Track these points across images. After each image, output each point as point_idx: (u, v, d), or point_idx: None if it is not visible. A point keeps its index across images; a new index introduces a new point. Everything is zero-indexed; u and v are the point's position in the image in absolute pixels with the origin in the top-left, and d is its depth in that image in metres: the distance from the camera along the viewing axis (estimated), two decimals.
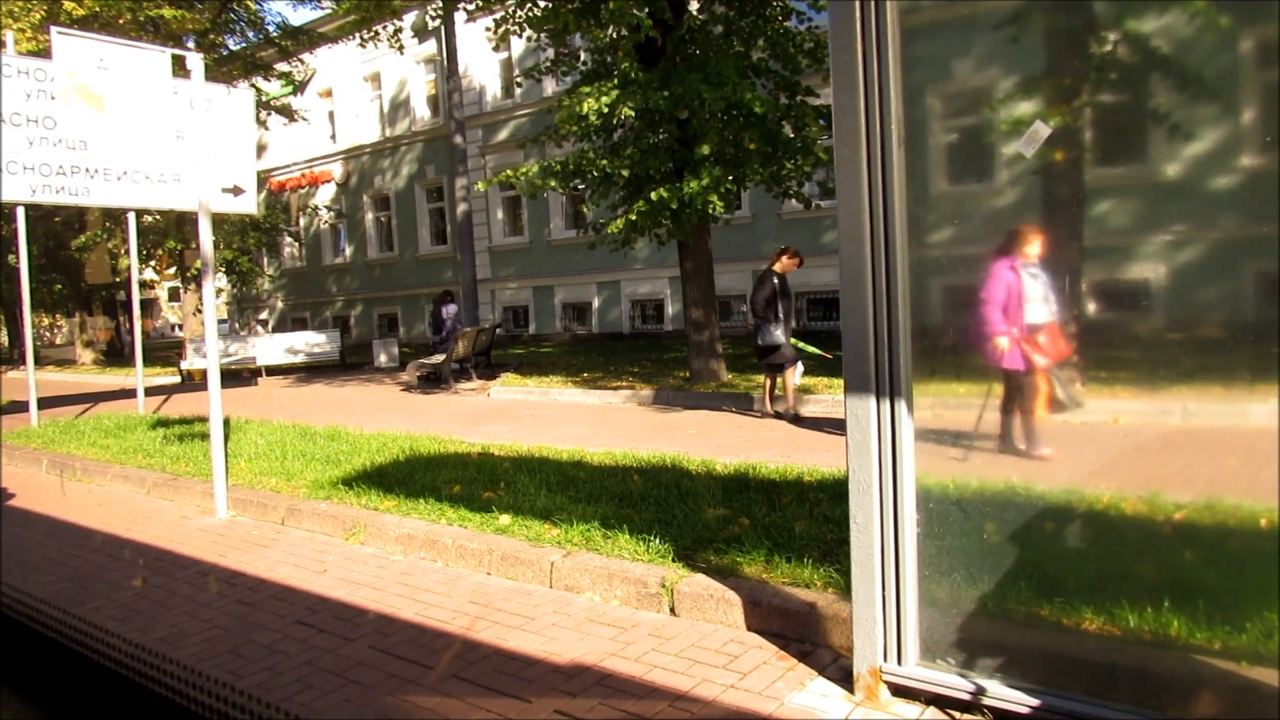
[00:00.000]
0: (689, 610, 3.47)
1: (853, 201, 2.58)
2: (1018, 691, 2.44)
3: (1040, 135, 2.32)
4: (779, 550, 3.71)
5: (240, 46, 21.20)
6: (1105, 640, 2.46)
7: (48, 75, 7.65)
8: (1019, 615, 2.58)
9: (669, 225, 10.51)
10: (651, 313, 21.15)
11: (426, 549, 4.49)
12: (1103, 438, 2.55)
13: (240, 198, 7.05)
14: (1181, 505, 2.45)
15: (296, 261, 30.03)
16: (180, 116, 6.57)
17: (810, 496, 4.55)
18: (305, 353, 18.98)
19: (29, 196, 7.54)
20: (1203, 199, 2.42)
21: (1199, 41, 2.37)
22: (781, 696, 2.79)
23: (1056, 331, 2.55)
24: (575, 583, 3.86)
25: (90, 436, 8.80)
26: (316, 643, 3.52)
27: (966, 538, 2.60)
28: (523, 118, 22.23)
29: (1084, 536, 2.57)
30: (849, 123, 2.56)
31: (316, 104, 27.70)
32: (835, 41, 2.58)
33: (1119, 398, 2.56)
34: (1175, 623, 2.39)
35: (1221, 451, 2.48)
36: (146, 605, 4.10)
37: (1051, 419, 2.64)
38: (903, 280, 2.55)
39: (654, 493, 4.86)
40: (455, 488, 5.36)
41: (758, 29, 10.72)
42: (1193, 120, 2.33)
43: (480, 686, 3.03)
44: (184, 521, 5.68)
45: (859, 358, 2.61)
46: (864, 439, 2.63)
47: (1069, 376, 2.55)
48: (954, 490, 2.62)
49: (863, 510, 2.65)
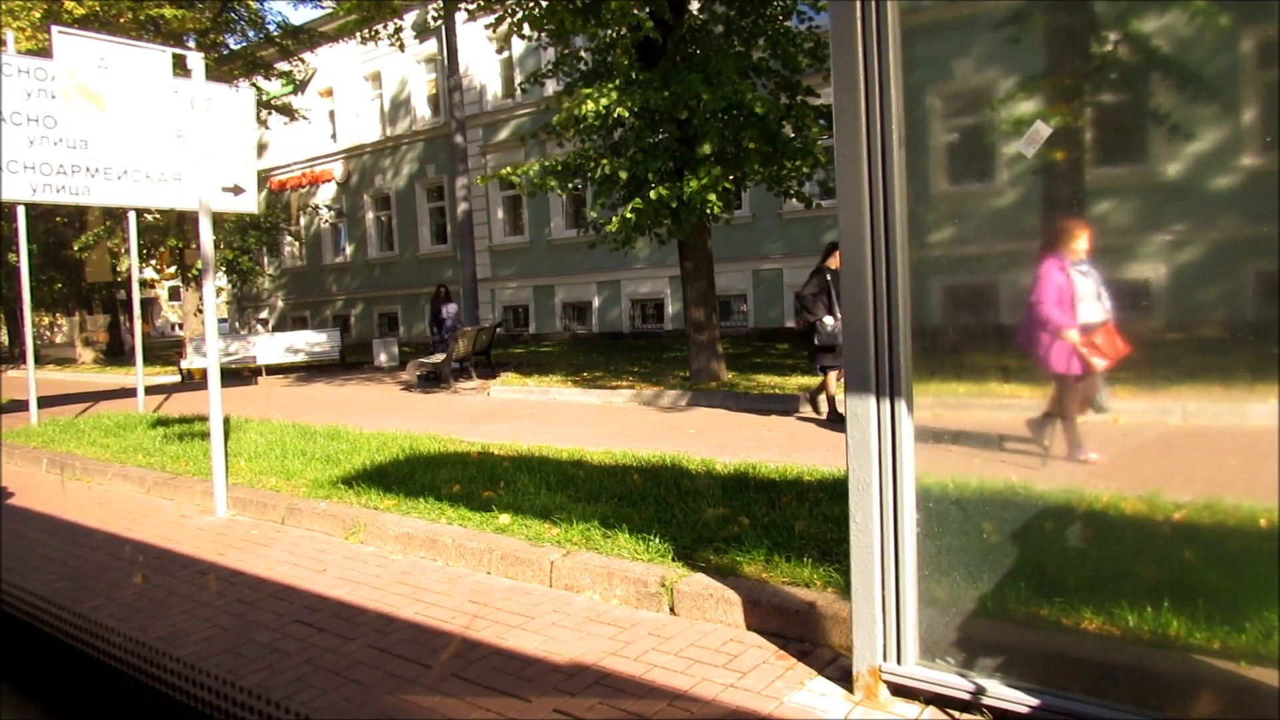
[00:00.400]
0: (689, 609, 3.47)
1: (853, 201, 2.58)
2: (1017, 691, 2.44)
3: (1041, 135, 2.32)
4: (779, 549, 3.71)
5: (241, 46, 21.20)
6: (1105, 640, 2.46)
7: (48, 74, 7.66)
8: (1018, 615, 2.58)
9: (669, 225, 10.51)
10: (652, 312, 21.16)
11: (426, 548, 4.49)
12: (1103, 437, 2.55)
13: (241, 197, 7.05)
14: (1181, 505, 2.45)
15: (297, 261, 30.04)
16: (181, 116, 6.57)
17: (810, 496, 4.55)
18: (305, 352, 18.98)
19: (29, 195, 7.54)
20: (1203, 199, 2.42)
21: (1199, 41, 2.37)
22: (781, 696, 2.79)
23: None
24: (575, 582, 3.86)
25: (90, 435, 8.80)
26: (316, 642, 3.52)
27: (966, 537, 2.60)
28: (523, 117, 22.23)
29: (1084, 536, 2.57)
30: (849, 122, 2.56)
31: (317, 103, 27.71)
32: (836, 41, 2.58)
33: (1119, 397, 2.56)
34: (1175, 623, 2.39)
35: (1221, 451, 2.48)
36: (146, 604, 4.10)
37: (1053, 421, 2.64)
38: (903, 280, 2.55)
39: (654, 492, 4.86)
40: (455, 487, 5.36)
41: (758, 28, 10.71)
42: (1193, 120, 2.33)
43: (480, 686, 3.03)
44: (184, 520, 5.68)
45: (859, 357, 2.61)
46: (864, 438, 2.63)
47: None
48: (953, 490, 2.62)
49: (862, 509, 2.65)
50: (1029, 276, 2.65)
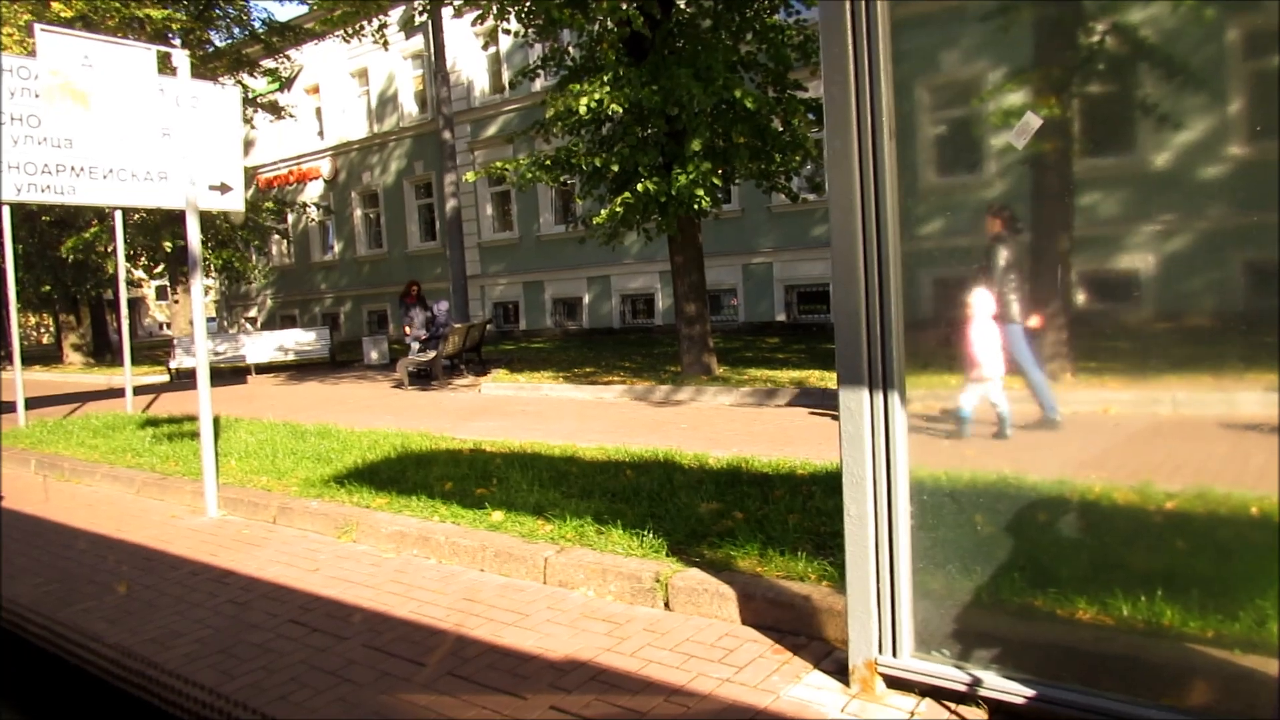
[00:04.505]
0: (684, 605, 3.47)
1: (844, 194, 2.57)
2: (1013, 682, 2.45)
3: (1032, 126, 2.32)
4: (773, 543, 3.71)
5: (226, 43, 21.03)
6: (1099, 630, 2.47)
7: (31, 73, 7.58)
8: (1013, 606, 2.58)
9: (657, 219, 10.50)
10: (642, 307, 21.15)
11: (419, 546, 4.48)
12: (1094, 428, 2.56)
13: (227, 195, 6.99)
14: (1173, 494, 2.46)
15: (285, 259, 29.89)
16: (166, 113, 6.51)
17: (803, 489, 4.55)
18: (295, 351, 18.88)
19: (14, 196, 7.47)
20: (1191, 189, 2.43)
21: (1185, 32, 2.37)
22: (777, 690, 2.79)
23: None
24: (569, 578, 3.85)
25: (79, 436, 8.73)
26: (310, 642, 3.50)
27: (960, 529, 2.60)
28: (511, 113, 22.17)
29: (1077, 527, 2.58)
30: (840, 114, 2.56)
31: (303, 100, 27.54)
32: (825, 33, 2.57)
33: (1108, 388, 2.56)
34: (1169, 612, 2.40)
35: (1211, 440, 2.48)
36: (137, 606, 4.07)
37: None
38: (895, 272, 2.55)
39: (647, 487, 4.85)
40: (448, 484, 5.34)
41: (746, 23, 10.69)
42: (1181, 110, 2.33)
43: (475, 684, 3.03)
44: (174, 521, 5.65)
45: (851, 350, 2.61)
46: (857, 431, 2.63)
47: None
48: (947, 482, 2.63)
49: (856, 502, 2.65)
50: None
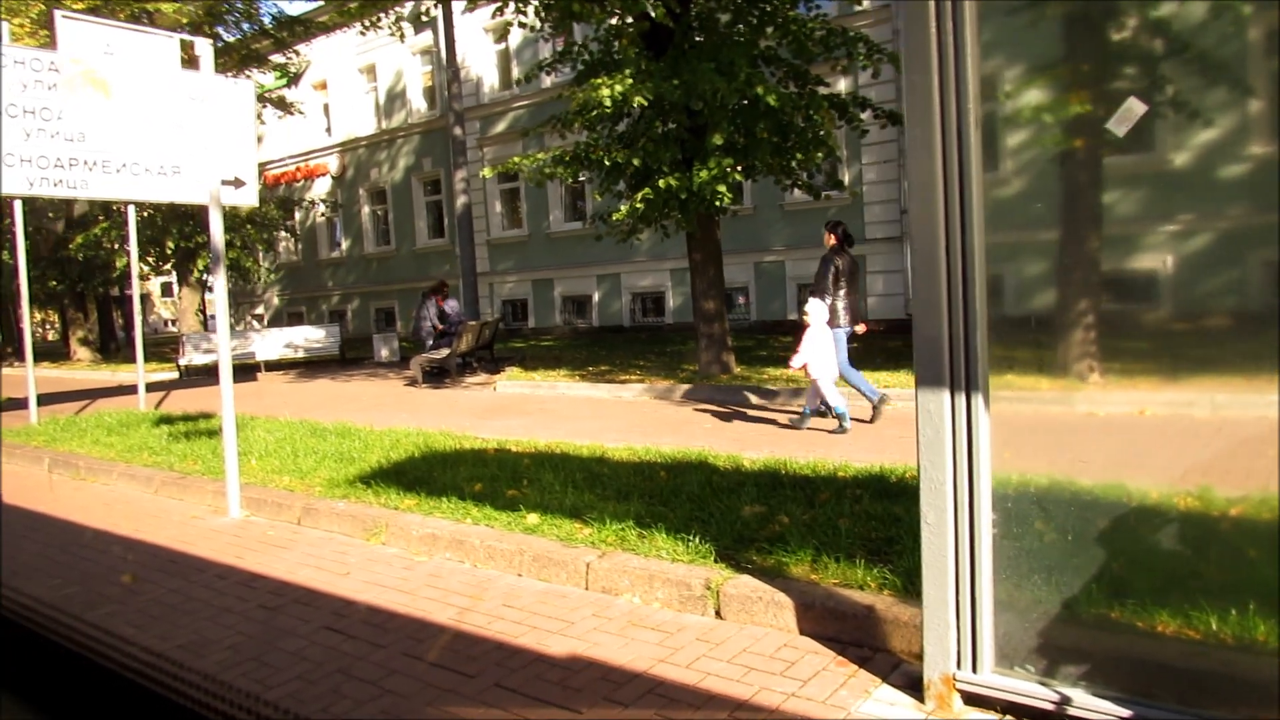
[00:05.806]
0: (736, 613, 3.34)
1: (926, 185, 2.43)
2: (1105, 701, 2.31)
3: (1135, 112, 2.19)
4: (825, 549, 3.57)
5: (235, 38, 20.90)
6: (1189, 645, 2.34)
7: (44, 65, 7.45)
8: (1103, 620, 2.45)
9: (677, 216, 10.35)
10: (652, 306, 20.98)
11: (453, 549, 4.35)
12: (1197, 436, 2.42)
13: (241, 190, 6.86)
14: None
15: (292, 256, 29.76)
16: (183, 106, 6.39)
17: (848, 493, 4.42)
18: (304, 348, 18.76)
19: (27, 189, 7.34)
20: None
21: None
22: (847, 705, 2.66)
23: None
24: (613, 584, 3.72)
25: (93, 434, 8.62)
26: (346, 649, 3.37)
27: (1045, 538, 2.47)
28: (521, 109, 22.00)
29: (1174, 537, 2.45)
30: (922, 103, 2.42)
31: (311, 96, 27.40)
32: (909, 18, 2.44)
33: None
34: (1261, 626, 2.27)
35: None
36: (164, 610, 3.95)
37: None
38: (979, 267, 2.41)
39: (686, 489, 4.71)
40: (477, 485, 5.21)
41: (766, 16, 10.55)
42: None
43: (524, 695, 2.90)
44: (196, 521, 5.52)
45: (932, 349, 2.47)
46: (937, 435, 2.49)
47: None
48: (1033, 489, 2.49)
49: (935, 510, 2.52)
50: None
